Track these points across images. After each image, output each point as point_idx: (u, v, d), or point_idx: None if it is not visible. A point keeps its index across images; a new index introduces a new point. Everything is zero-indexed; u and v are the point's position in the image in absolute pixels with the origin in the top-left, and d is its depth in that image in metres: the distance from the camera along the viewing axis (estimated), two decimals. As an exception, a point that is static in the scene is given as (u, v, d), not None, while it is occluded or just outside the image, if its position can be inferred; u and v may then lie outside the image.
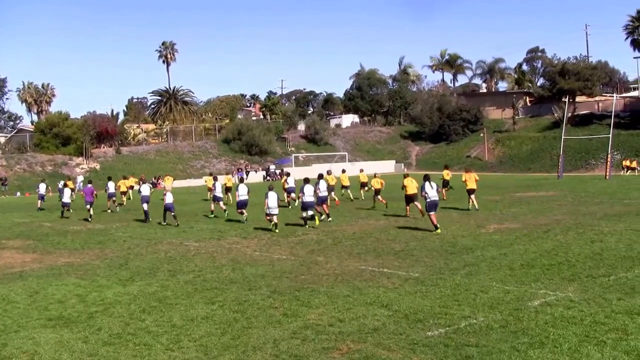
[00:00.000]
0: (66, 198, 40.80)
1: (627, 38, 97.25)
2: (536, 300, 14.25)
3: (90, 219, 36.44)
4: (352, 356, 10.87)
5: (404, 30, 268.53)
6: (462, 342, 11.38)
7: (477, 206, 35.25)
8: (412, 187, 32.29)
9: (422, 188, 27.35)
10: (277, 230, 28.32)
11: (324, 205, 32.60)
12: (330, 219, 31.96)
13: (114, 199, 45.20)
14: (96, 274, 19.43)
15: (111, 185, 45.19)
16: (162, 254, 23.05)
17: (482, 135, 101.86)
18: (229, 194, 45.56)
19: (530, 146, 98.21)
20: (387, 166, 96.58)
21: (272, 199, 28.78)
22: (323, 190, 32.82)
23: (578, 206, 35.48)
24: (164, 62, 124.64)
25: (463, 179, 37.39)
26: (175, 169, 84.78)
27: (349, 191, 44.76)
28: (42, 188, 49.06)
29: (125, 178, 53.21)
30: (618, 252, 20.31)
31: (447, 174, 45.86)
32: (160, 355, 11.37)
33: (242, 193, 33.32)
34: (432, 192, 26.87)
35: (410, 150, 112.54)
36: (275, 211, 28.70)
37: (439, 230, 26.10)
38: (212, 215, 36.28)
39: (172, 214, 32.44)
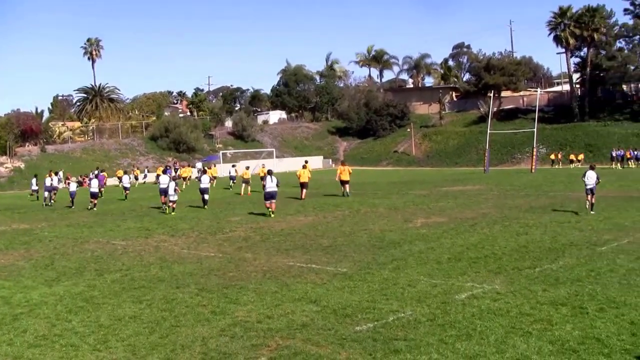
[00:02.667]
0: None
1: (550, 34, 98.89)
2: (463, 293, 14.40)
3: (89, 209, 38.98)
4: (281, 352, 10.84)
5: (331, 26, 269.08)
6: (390, 336, 11.44)
7: (348, 193, 41.49)
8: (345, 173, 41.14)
9: (263, 178, 32.31)
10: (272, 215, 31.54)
11: (273, 202, 32.71)
12: (272, 215, 32.07)
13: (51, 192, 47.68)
14: (21, 275, 19.01)
15: (34, 182, 49.67)
16: (89, 253, 22.67)
17: (409, 130, 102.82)
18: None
19: (456, 141, 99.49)
20: (315, 162, 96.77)
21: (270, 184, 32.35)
22: (271, 186, 33.02)
23: (504, 199, 36.03)
24: (89, 59, 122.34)
25: (338, 172, 43.28)
26: (102, 167, 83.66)
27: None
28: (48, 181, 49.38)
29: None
30: (543, 244, 20.69)
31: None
32: (87, 356, 11.17)
33: (164, 182, 37.56)
34: (270, 184, 32.11)
35: (338, 146, 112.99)
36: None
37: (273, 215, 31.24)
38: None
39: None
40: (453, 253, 19.58)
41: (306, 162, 47.35)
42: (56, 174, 53.04)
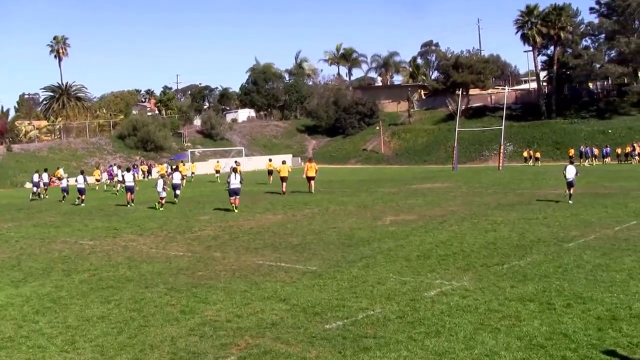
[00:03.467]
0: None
1: (517, 32, 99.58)
2: (432, 290, 14.45)
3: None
4: (251, 351, 10.81)
5: (300, 24, 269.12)
6: (359, 334, 11.44)
7: (313, 190, 42.75)
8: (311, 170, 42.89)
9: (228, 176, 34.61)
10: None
11: (237, 198, 34.09)
12: (236, 211, 33.16)
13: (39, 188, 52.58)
14: (-14, 276, 18.85)
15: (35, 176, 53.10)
16: (56, 253, 22.48)
17: (378, 128, 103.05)
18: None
19: (425, 138, 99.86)
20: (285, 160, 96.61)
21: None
22: (235, 183, 34.04)
23: (472, 197, 36.24)
24: (55, 57, 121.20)
25: (305, 168, 44.79)
26: (69, 166, 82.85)
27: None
28: (36, 177, 53.38)
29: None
30: (511, 241, 20.81)
31: (285, 169, 45.66)
32: (55, 358, 11.07)
33: (128, 180, 39.96)
34: (234, 181, 33.74)
35: (307, 144, 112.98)
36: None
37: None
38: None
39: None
40: (422, 250, 19.64)
41: (284, 162, 47.78)
42: (45, 170, 55.71)
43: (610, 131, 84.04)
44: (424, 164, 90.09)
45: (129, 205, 38.71)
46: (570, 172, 31.87)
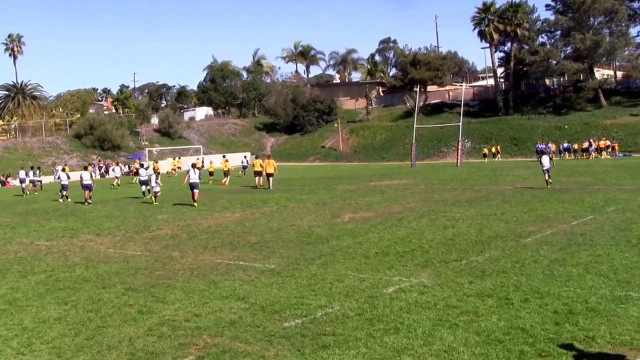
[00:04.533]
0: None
1: (474, 29, 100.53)
2: (391, 287, 14.46)
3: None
4: (209, 351, 10.74)
5: (257, 21, 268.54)
6: (318, 332, 11.42)
7: (271, 187, 43.53)
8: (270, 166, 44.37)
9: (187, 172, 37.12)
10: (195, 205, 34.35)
11: (196, 192, 35.59)
12: (195, 205, 34.27)
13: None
14: (-60, 278, 18.54)
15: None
16: (12, 254, 22.15)
17: (336, 125, 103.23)
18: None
19: (383, 135, 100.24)
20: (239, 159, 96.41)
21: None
22: (194, 178, 35.89)
23: (431, 193, 36.39)
24: (10, 55, 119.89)
25: (263, 165, 45.77)
26: (25, 166, 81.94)
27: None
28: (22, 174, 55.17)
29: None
30: (469, 237, 20.92)
31: (257, 164, 47.45)
32: (10, 360, 10.96)
33: (86, 178, 40.64)
34: (193, 176, 35.45)
35: (265, 142, 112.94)
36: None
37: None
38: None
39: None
40: (381, 247, 19.67)
41: (256, 156, 49.09)
42: (31, 168, 59.11)
43: (566, 127, 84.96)
44: (382, 161, 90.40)
45: (85, 203, 38.60)
46: (545, 160, 37.08)
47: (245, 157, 70.52)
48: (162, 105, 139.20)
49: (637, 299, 12.58)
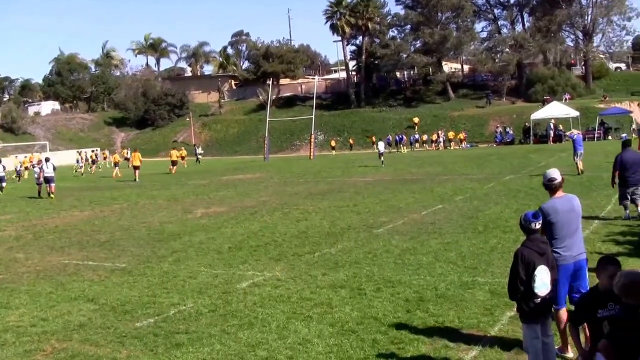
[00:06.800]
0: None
1: (327, 23, 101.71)
2: (245, 282, 14.36)
3: None
4: (58, 356, 10.32)
5: (107, 12, 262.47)
6: (172, 330, 11.21)
7: (138, 179, 46.34)
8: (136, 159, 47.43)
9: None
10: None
11: (52, 185, 36.82)
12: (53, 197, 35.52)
13: None
14: None
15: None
16: None
17: (188, 119, 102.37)
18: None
19: (237, 129, 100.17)
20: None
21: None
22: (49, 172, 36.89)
23: (284, 187, 36.52)
24: None
25: (131, 158, 48.32)
26: None
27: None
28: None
29: None
30: (322, 229, 21.04)
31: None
32: None
33: None
34: (47, 169, 36.47)
35: (116, 137, 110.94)
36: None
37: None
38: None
39: None
40: (234, 242, 19.54)
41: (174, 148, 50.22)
42: None
43: (417, 119, 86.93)
44: (235, 155, 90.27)
45: None
46: (381, 146, 51.50)
47: (93, 151, 68.28)
48: (5, 99, 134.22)
49: (483, 284, 12.96)
